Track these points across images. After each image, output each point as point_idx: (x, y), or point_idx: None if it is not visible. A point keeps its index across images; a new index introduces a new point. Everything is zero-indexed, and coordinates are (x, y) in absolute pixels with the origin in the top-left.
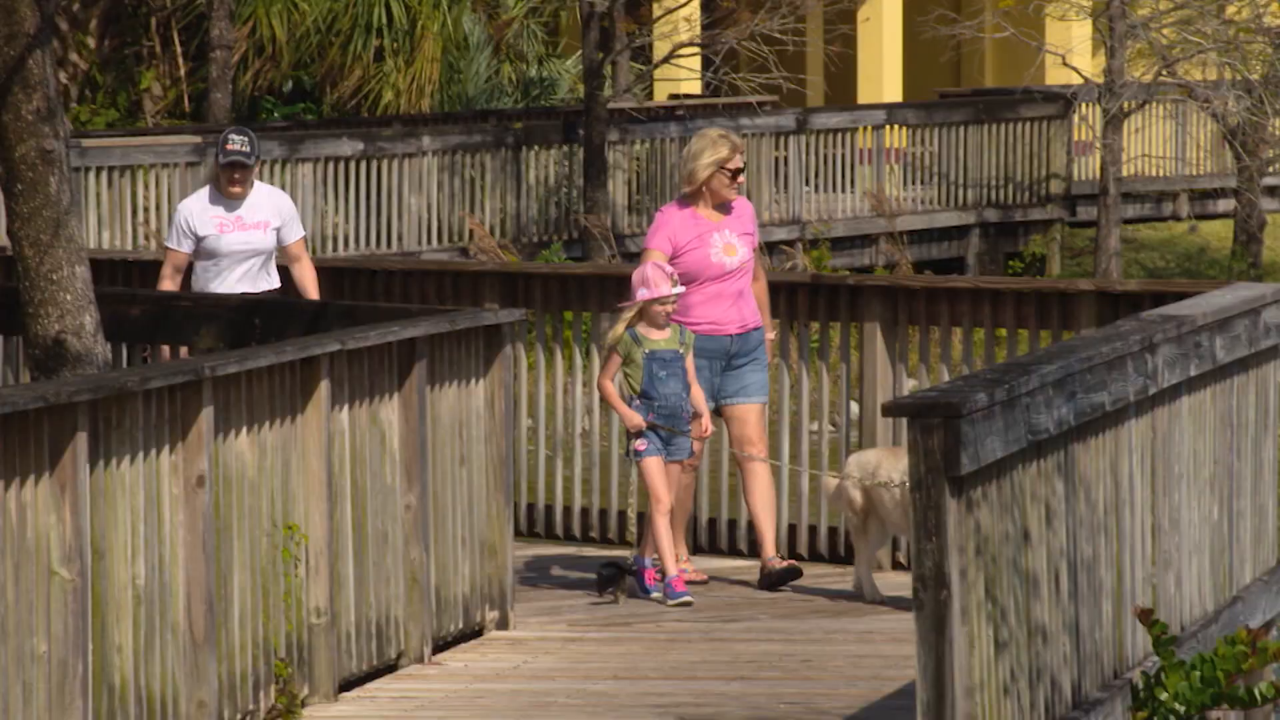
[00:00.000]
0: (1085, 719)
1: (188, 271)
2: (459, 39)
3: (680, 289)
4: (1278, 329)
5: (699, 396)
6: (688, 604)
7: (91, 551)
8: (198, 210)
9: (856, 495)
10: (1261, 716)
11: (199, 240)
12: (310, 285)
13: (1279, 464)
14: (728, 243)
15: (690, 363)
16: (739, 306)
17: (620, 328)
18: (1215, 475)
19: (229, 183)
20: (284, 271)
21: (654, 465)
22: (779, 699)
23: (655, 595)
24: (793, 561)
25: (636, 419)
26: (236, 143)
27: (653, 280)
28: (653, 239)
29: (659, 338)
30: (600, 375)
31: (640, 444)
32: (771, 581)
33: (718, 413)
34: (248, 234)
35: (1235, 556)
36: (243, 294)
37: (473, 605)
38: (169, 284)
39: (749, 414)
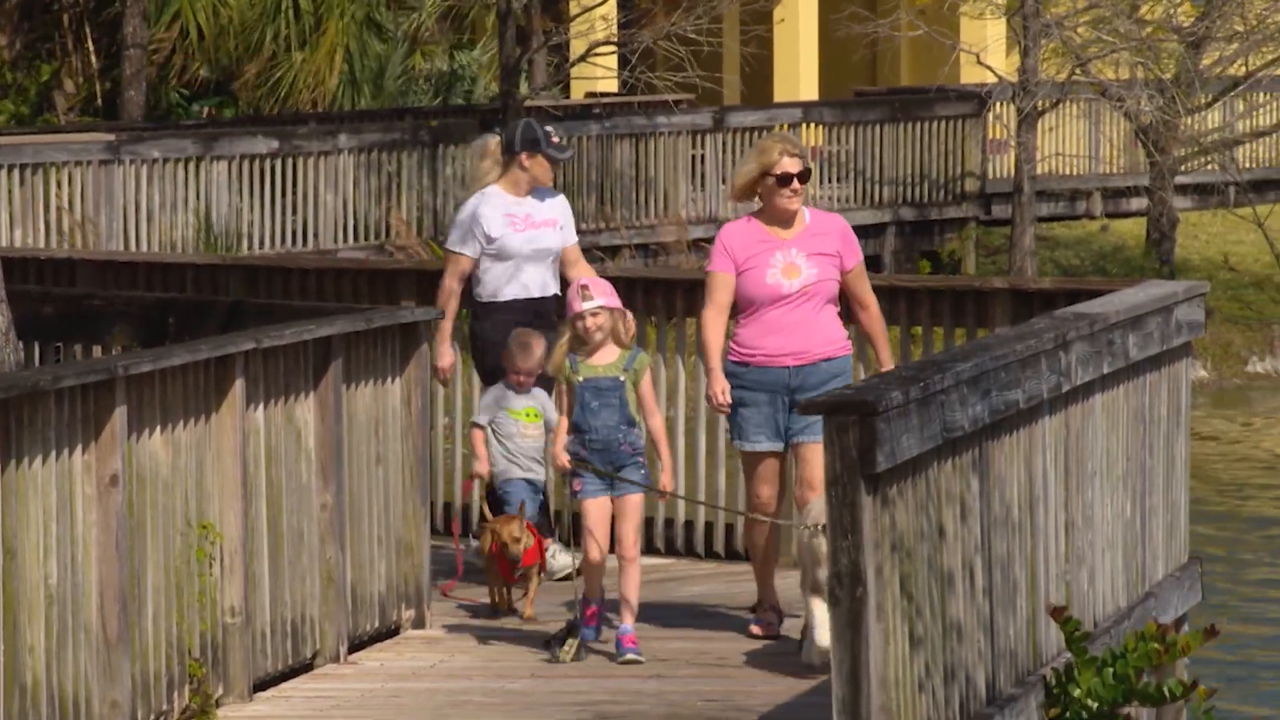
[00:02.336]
0: (999, 715)
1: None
2: (362, 23)
3: (597, 302)
4: (1189, 326)
5: (658, 429)
6: (634, 662)
7: (3, 550)
8: (486, 211)
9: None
10: (1172, 713)
11: (489, 241)
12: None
13: (1190, 461)
14: (790, 263)
15: (645, 390)
16: (801, 336)
17: (558, 355)
18: (1128, 472)
19: (535, 168)
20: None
21: (591, 508)
22: (697, 696)
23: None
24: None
25: (560, 458)
26: (547, 133)
27: (570, 300)
28: (713, 260)
29: (597, 363)
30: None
31: (576, 483)
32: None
33: (787, 453)
34: (539, 232)
35: (1148, 553)
36: (155, 295)
37: (389, 604)
38: (455, 291)
39: (813, 455)
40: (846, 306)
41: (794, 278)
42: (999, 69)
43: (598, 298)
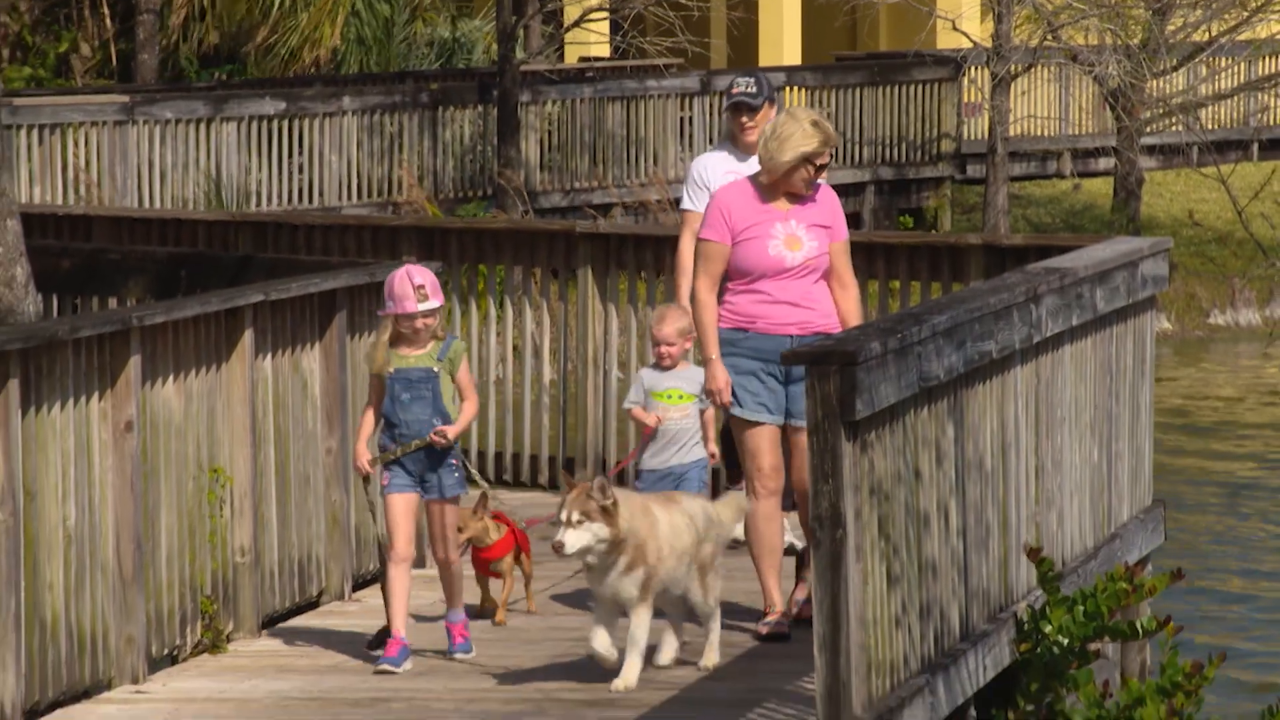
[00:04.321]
0: (972, 650)
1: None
2: None
3: (433, 304)
4: (1154, 280)
5: (465, 414)
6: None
7: (24, 493)
8: (713, 164)
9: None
10: (1138, 648)
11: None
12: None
13: (1154, 408)
14: (791, 234)
15: (463, 377)
16: (801, 307)
17: (380, 353)
18: (1095, 419)
19: (739, 129)
20: None
21: (394, 503)
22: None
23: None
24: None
25: (360, 459)
26: (741, 84)
27: (398, 295)
28: (707, 228)
29: (409, 353)
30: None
31: (384, 477)
32: (763, 638)
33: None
34: None
35: (1114, 496)
36: (168, 250)
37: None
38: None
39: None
40: None
41: (796, 250)
42: (974, 35)
43: (433, 299)
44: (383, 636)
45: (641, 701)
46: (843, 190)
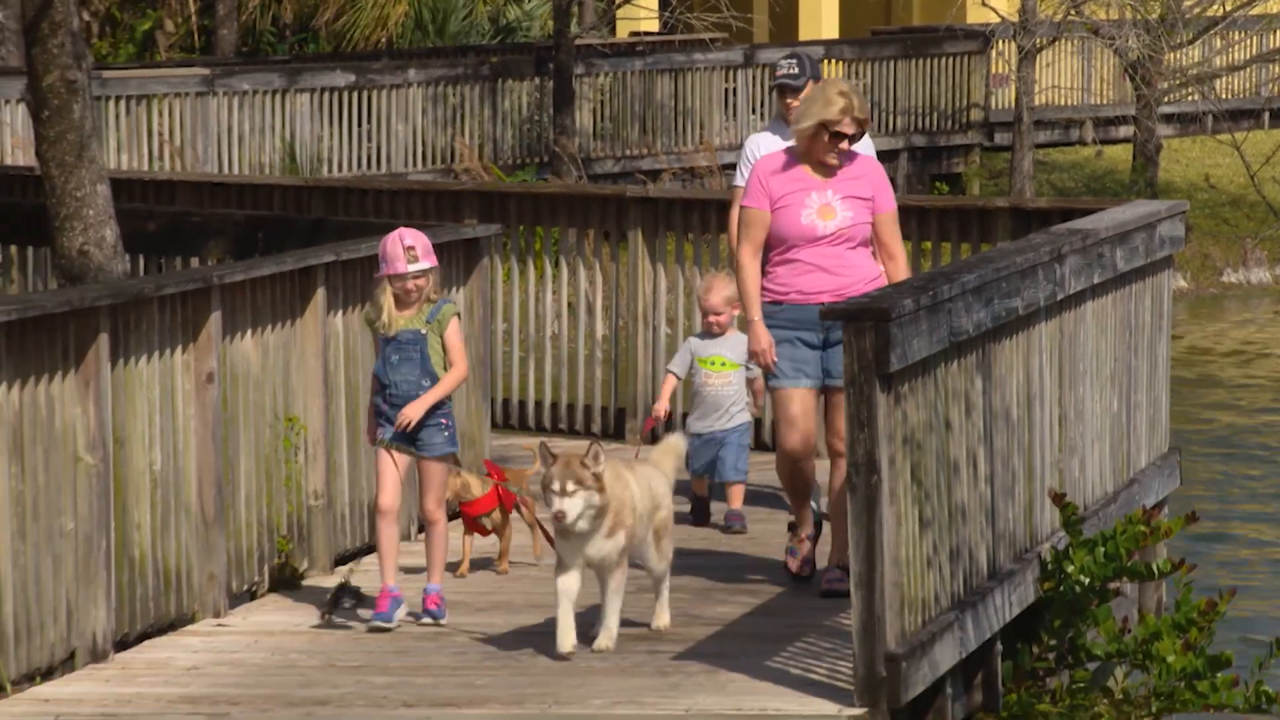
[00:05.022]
0: (999, 588)
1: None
2: None
3: (423, 265)
4: (1171, 241)
5: (449, 379)
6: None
7: (113, 440)
8: (764, 143)
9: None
10: (1154, 587)
11: None
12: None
13: (1170, 361)
14: (826, 204)
15: (450, 338)
16: (837, 275)
17: (387, 312)
18: (1115, 372)
19: (785, 108)
20: None
21: (382, 455)
22: (749, 563)
23: (377, 624)
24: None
25: (371, 430)
26: (784, 66)
27: (390, 256)
28: (748, 196)
29: (400, 315)
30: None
31: (377, 433)
32: (823, 593)
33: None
34: None
35: (1132, 443)
36: (246, 213)
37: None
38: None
39: (840, 399)
40: None
41: (829, 219)
42: (1001, 10)
43: (423, 260)
44: (338, 597)
45: (688, 636)
46: (878, 157)
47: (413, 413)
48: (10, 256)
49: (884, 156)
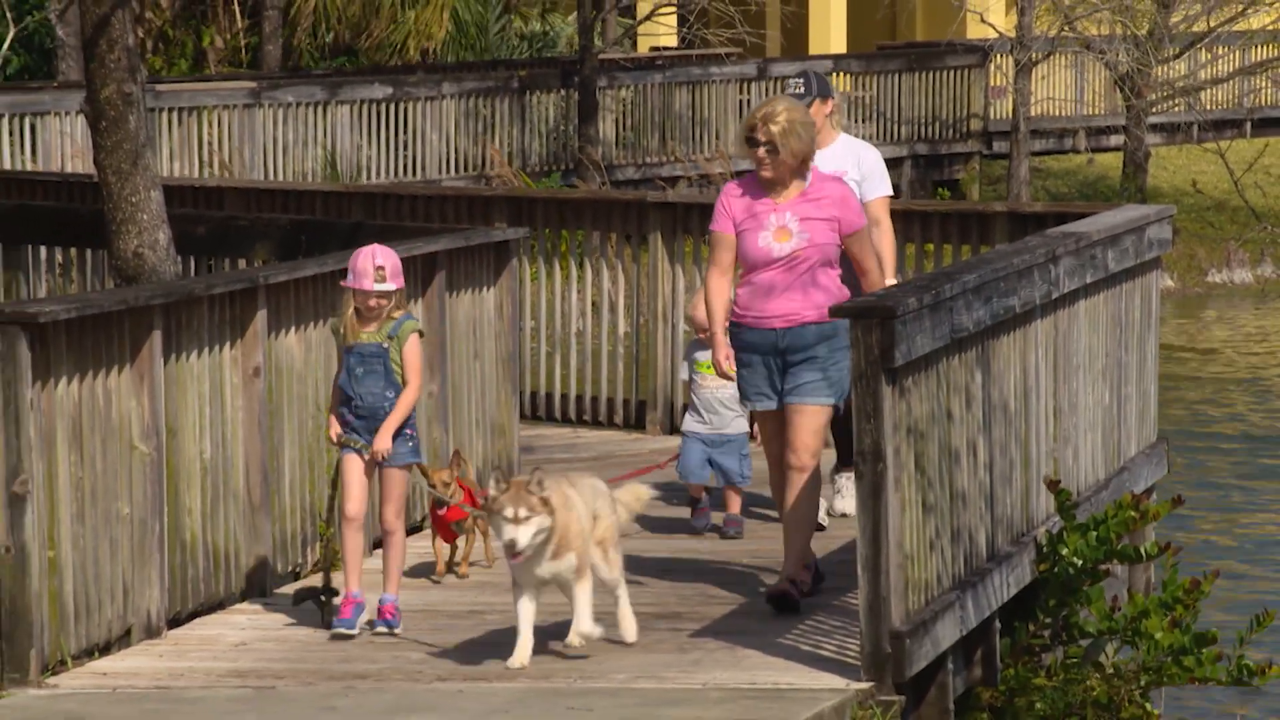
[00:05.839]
0: (997, 570)
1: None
2: None
3: (389, 287)
4: (1159, 243)
5: (404, 400)
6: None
7: (166, 430)
8: None
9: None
10: (1143, 568)
11: None
12: (886, 260)
13: (1158, 356)
14: (782, 226)
15: (408, 354)
16: (790, 298)
17: (348, 325)
18: (1107, 366)
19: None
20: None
21: (349, 463)
22: (750, 554)
23: (340, 630)
24: (792, 593)
25: (332, 427)
26: (791, 84)
27: (359, 271)
28: (713, 220)
29: (364, 329)
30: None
31: (344, 445)
32: (770, 599)
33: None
34: None
35: (1123, 433)
36: (290, 217)
37: (484, 475)
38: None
39: (795, 417)
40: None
41: (785, 241)
42: (999, 26)
43: (390, 282)
44: (314, 590)
45: (707, 615)
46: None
47: (383, 444)
48: (70, 258)
49: (889, 163)
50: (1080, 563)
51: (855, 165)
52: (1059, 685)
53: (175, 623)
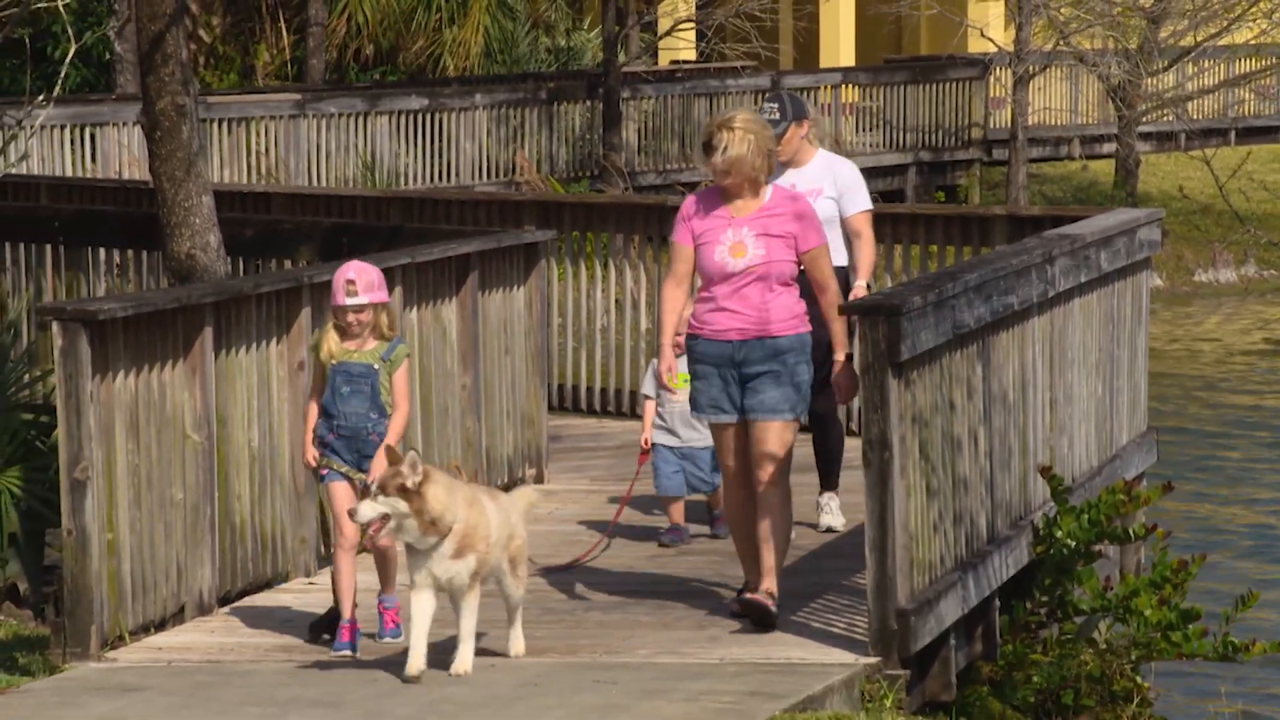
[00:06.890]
0: (996, 552)
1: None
2: (499, 6)
3: (361, 300)
4: (1149, 244)
5: (394, 425)
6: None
7: (216, 420)
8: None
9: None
10: (1134, 549)
11: None
12: (860, 265)
13: (1148, 351)
14: (738, 241)
15: (398, 380)
16: (745, 313)
17: (328, 341)
18: (1100, 360)
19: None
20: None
21: (336, 491)
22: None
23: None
24: (769, 606)
25: (308, 453)
26: (766, 110)
27: (333, 288)
28: (675, 231)
29: (352, 348)
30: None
31: (323, 469)
32: (743, 608)
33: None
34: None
35: (1115, 424)
36: (332, 221)
37: (515, 464)
38: None
39: (757, 432)
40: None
41: (740, 256)
42: (999, 41)
43: (362, 295)
44: (331, 618)
45: (724, 595)
46: (888, 171)
47: (377, 468)
48: (128, 260)
49: (895, 170)
50: (1074, 544)
51: (831, 183)
52: (1054, 660)
53: (225, 601)
